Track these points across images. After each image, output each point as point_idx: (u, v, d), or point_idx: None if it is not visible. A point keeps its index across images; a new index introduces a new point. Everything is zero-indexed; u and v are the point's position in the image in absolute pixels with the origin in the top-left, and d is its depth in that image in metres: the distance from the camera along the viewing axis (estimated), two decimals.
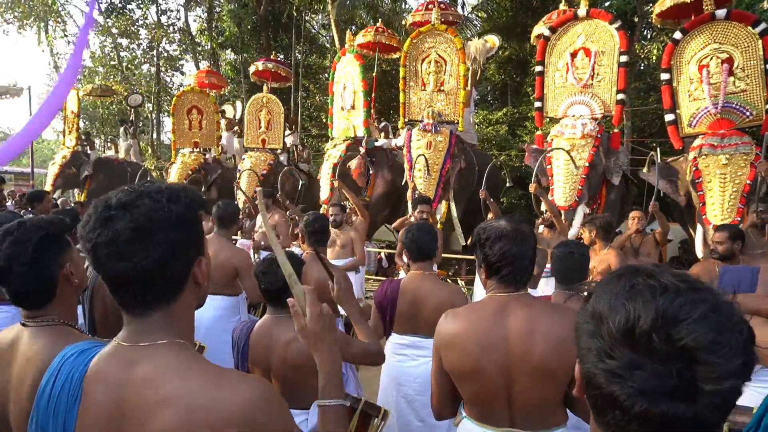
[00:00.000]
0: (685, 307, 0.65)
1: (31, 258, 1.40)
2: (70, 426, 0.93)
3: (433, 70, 8.01)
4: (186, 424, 0.84)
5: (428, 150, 7.69)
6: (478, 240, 1.72)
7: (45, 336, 1.37)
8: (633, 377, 0.64)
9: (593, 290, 0.76)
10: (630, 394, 0.64)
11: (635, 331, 0.65)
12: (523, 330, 1.62)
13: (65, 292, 1.47)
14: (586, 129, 6.46)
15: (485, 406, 1.70)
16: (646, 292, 0.68)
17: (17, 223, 1.47)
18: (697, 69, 6.00)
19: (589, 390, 0.72)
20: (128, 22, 22.09)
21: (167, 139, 25.56)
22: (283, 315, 2.20)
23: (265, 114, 11.32)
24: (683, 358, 0.63)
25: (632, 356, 0.64)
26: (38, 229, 1.43)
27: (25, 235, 1.42)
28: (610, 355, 0.66)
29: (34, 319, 1.43)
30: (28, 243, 1.41)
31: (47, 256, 1.43)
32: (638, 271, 0.73)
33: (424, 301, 2.73)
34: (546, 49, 6.99)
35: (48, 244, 1.44)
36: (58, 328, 1.42)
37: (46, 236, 1.44)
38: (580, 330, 0.74)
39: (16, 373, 1.35)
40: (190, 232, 0.96)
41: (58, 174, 12.12)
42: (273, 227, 6.09)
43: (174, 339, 0.95)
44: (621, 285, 0.71)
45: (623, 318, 0.66)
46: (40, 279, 1.42)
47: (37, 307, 1.44)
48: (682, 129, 6.24)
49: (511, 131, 16.30)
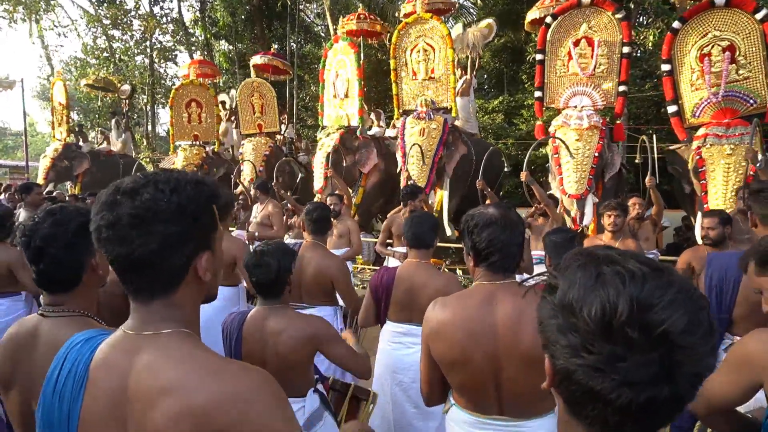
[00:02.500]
0: (656, 292, 0.65)
1: (69, 241, 1.42)
2: (75, 413, 0.94)
3: (422, 58, 8.01)
4: (186, 413, 0.85)
5: (422, 137, 7.68)
6: (466, 227, 1.72)
7: (66, 326, 1.38)
8: (615, 370, 0.63)
9: (552, 280, 0.74)
10: (613, 387, 0.64)
11: (612, 322, 0.64)
12: (511, 318, 1.62)
13: (90, 280, 1.49)
14: (592, 120, 6.43)
15: (473, 394, 1.71)
16: (615, 280, 0.66)
17: (60, 206, 1.50)
18: (698, 58, 5.94)
19: (565, 385, 0.70)
20: (120, 12, 21.87)
21: (162, 131, 25.51)
22: (276, 305, 2.21)
23: (258, 98, 11.29)
24: (663, 344, 0.63)
25: (612, 349, 0.64)
26: (79, 215, 1.45)
27: (66, 217, 1.44)
28: (588, 349, 0.65)
29: (53, 310, 1.44)
30: (68, 226, 1.43)
31: (83, 242, 1.43)
32: (599, 257, 0.71)
33: (420, 289, 2.74)
34: (547, 36, 6.86)
35: (85, 231, 1.43)
36: (77, 318, 1.43)
37: (86, 222, 1.43)
38: (547, 324, 0.72)
39: (41, 364, 1.33)
40: (191, 225, 0.95)
41: (50, 167, 12.07)
42: (267, 217, 6.09)
43: (179, 328, 0.95)
44: (587, 274, 0.69)
45: (598, 310, 0.65)
46: (71, 263, 1.44)
47: (62, 291, 1.46)
48: (686, 119, 6.20)
49: (508, 120, 16.29)
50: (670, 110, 6.30)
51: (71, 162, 12.41)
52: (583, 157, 6.31)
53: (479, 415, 1.70)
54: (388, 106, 12.90)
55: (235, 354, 2.19)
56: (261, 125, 11.36)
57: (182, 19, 22.59)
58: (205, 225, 0.98)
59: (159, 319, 0.95)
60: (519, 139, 14.85)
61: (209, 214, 0.98)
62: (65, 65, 24.46)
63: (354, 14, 10.48)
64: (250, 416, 0.86)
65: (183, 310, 0.98)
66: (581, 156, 6.28)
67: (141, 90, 22.68)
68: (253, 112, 11.37)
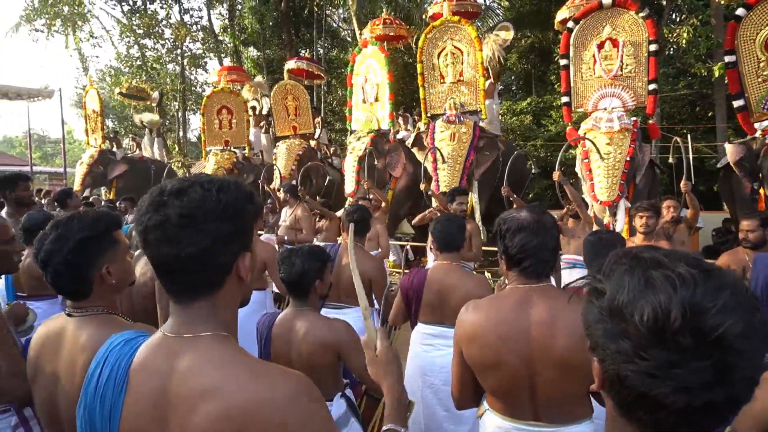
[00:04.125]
0: (708, 296, 0.64)
1: (66, 259, 1.43)
2: (116, 414, 0.95)
3: (451, 62, 7.95)
4: (226, 416, 0.85)
5: (452, 141, 7.63)
6: (498, 231, 1.70)
7: (92, 325, 1.42)
8: (670, 376, 0.63)
9: (597, 284, 0.73)
10: (669, 392, 0.63)
11: (665, 329, 0.63)
12: (545, 322, 1.60)
13: (101, 290, 1.50)
14: (623, 122, 6.28)
15: (508, 398, 1.69)
16: (665, 285, 0.65)
17: (66, 218, 1.50)
18: (765, 46, 5.63)
19: (616, 389, 0.70)
20: (152, 21, 22.44)
21: (193, 137, 26.05)
22: (303, 308, 2.22)
23: (292, 101, 11.45)
24: (718, 349, 0.62)
25: (667, 355, 0.63)
26: (80, 230, 1.45)
27: (66, 233, 1.45)
28: (641, 356, 0.65)
29: (78, 310, 1.48)
30: (66, 243, 1.44)
31: (82, 258, 1.45)
32: (646, 260, 0.70)
33: (451, 291, 2.73)
34: (570, 41, 6.77)
35: (86, 245, 1.45)
36: (101, 317, 1.47)
37: (86, 237, 1.45)
38: (595, 329, 0.71)
39: (66, 362, 1.40)
40: (236, 224, 0.96)
41: (86, 173, 12.44)
42: (296, 221, 6.14)
43: (217, 331, 0.96)
44: (635, 279, 0.68)
45: (650, 316, 0.64)
46: (72, 278, 1.46)
47: (76, 300, 1.49)
48: (753, 113, 5.92)
49: (536, 121, 16.11)
50: (736, 105, 6.01)
51: (106, 168, 12.77)
52: (614, 161, 6.15)
53: (514, 421, 1.67)
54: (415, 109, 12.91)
55: (265, 354, 2.21)
56: (295, 127, 11.52)
57: (212, 27, 23.07)
58: (246, 225, 1.00)
59: (199, 322, 0.96)
60: (548, 140, 14.66)
61: (249, 215, 1.00)
62: (101, 74, 25.24)
63: (379, 19, 10.53)
64: (290, 421, 0.87)
65: (223, 312, 0.99)
66: (612, 160, 6.13)
67: (172, 97, 23.22)
68: (288, 114, 11.54)
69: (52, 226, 1.49)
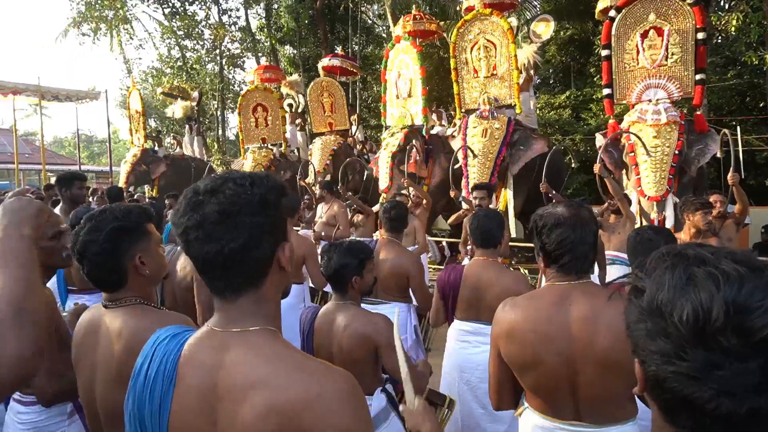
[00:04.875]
0: (755, 294, 0.60)
1: (102, 247, 1.49)
2: (166, 407, 0.97)
3: (484, 56, 7.83)
4: (274, 410, 0.87)
5: (484, 138, 7.53)
6: (535, 227, 1.66)
7: (125, 314, 1.48)
8: (712, 378, 0.60)
9: (639, 282, 0.70)
10: (711, 396, 0.60)
11: (706, 328, 0.60)
12: (586, 319, 1.56)
13: (136, 281, 1.55)
14: (669, 114, 6.03)
15: (548, 397, 1.66)
16: (707, 282, 0.62)
17: (99, 210, 1.57)
18: None
19: (657, 392, 0.67)
20: (192, 23, 22.99)
21: (232, 135, 26.58)
22: (344, 302, 2.24)
23: (327, 97, 11.56)
24: (764, 351, 0.58)
25: (708, 356, 0.60)
26: (113, 220, 1.51)
27: (100, 224, 1.51)
28: (681, 356, 0.62)
29: (113, 301, 1.54)
30: (101, 233, 1.50)
31: (116, 247, 1.51)
32: (689, 258, 0.67)
33: (487, 287, 2.70)
34: (612, 30, 6.51)
35: (119, 235, 1.51)
36: (134, 306, 1.52)
37: (119, 227, 1.51)
38: (636, 329, 0.69)
39: (103, 351, 1.46)
40: (273, 216, 0.98)
41: (130, 171, 12.88)
42: (333, 217, 6.18)
43: (264, 326, 0.97)
44: (677, 276, 0.65)
45: (690, 315, 0.61)
46: (108, 267, 1.52)
47: (112, 291, 1.55)
48: None
49: (575, 114, 15.74)
50: None
51: (149, 166, 13.19)
52: (662, 155, 5.90)
53: (554, 420, 1.64)
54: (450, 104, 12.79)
55: (307, 347, 2.25)
56: (331, 123, 11.64)
57: (249, 27, 23.45)
58: (281, 216, 1.01)
59: (245, 316, 0.97)
60: (588, 134, 14.29)
61: (283, 206, 1.02)
62: (143, 75, 26.04)
63: (410, 15, 10.48)
64: (334, 418, 0.88)
65: (267, 306, 1.00)
66: (660, 154, 5.88)
67: (211, 96, 23.74)
68: (323, 111, 11.67)
69: (86, 219, 1.55)
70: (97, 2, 21.41)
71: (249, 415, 0.88)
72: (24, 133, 36.16)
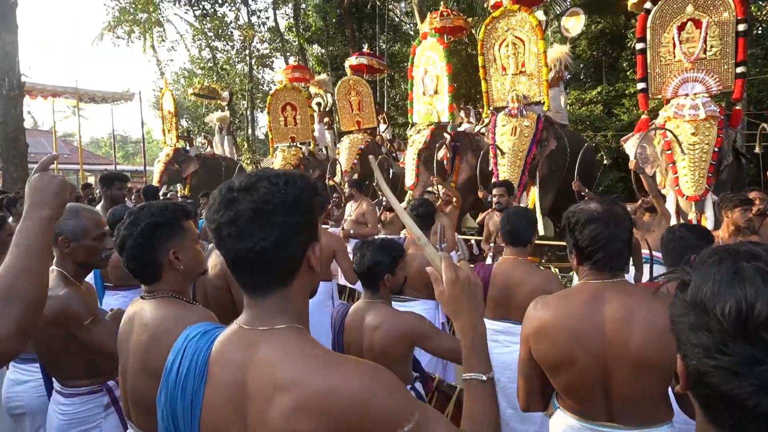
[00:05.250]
0: None
1: (137, 242, 1.56)
2: (198, 404, 0.99)
3: (512, 52, 7.71)
4: (304, 408, 0.87)
5: (513, 136, 7.43)
6: (567, 224, 1.64)
7: (155, 306, 1.55)
8: (753, 374, 0.58)
9: (687, 276, 0.69)
10: (752, 392, 0.59)
11: (749, 322, 0.59)
12: (621, 319, 1.52)
13: (171, 276, 1.60)
14: (708, 109, 5.79)
15: (580, 398, 1.63)
16: (755, 276, 0.61)
17: (139, 206, 1.64)
18: None
19: (699, 388, 0.66)
20: (222, 24, 23.38)
21: (261, 134, 26.93)
22: (375, 300, 2.24)
23: (355, 96, 11.62)
24: None
25: (749, 351, 0.59)
26: (150, 216, 1.58)
27: (138, 219, 1.58)
28: (722, 350, 0.60)
29: (149, 293, 1.61)
30: (137, 227, 1.56)
31: (150, 242, 1.57)
32: (740, 253, 0.65)
33: (517, 287, 2.68)
34: (647, 23, 6.29)
35: (154, 231, 1.57)
36: (166, 299, 1.58)
37: (154, 223, 1.57)
38: (679, 323, 0.68)
39: (134, 340, 1.53)
40: (304, 216, 0.98)
41: (163, 171, 13.16)
42: (362, 215, 6.21)
43: (292, 324, 0.98)
44: (723, 270, 0.64)
45: (733, 308, 0.60)
46: (143, 260, 1.58)
47: (147, 283, 1.62)
48: None
49: (607, 110, 15.40)
50: None
51: (181, 165, 13.45)
52: (701, 152, 5.66)
53: (586, 421, 1.61)
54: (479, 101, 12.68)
55: (338, 344, 2.26)
56: (359, 122, 11.69)
57: (278, 27, 23.71)
58: (313, 216, 1.02)
59: (274, 314, 0.98)
60: (620, 130, 13.99)
61: (315, 206, 1.02)
62: (175, 76, 26.60)
63: (437, 12, 10.42)
64: (369, 410, 0.87)
65: (296, 304, 1.01)
66: (698, 151, 5.65)
67: (241, 96, 24.11)
68: (351, 110, 11.73)
69: (127, 214, 1.63)
70: (131, 6, 21.96)
71: (280, 413, 0.89)
72: (63, 134, 37.37)
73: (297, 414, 0.87)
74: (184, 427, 1.01)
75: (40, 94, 20.31)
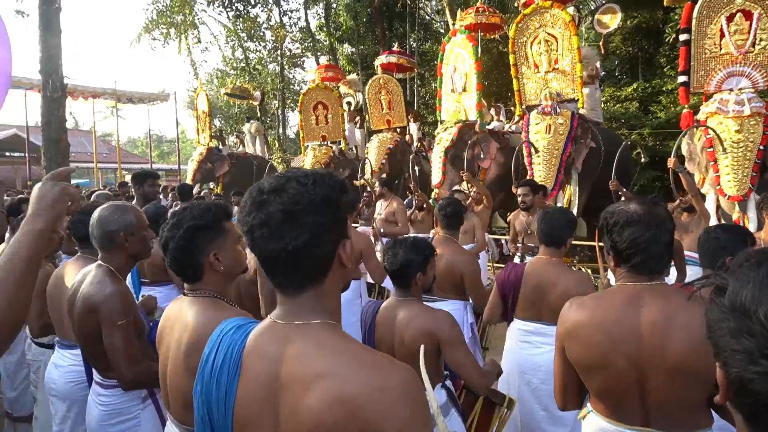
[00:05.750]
0: None
1: (178, 244, 1.62)
2: (232, 395, 1.02)
3: (544, 50, 7.59)
4: (339, 400, 0.89)
5: (547, 134, 7.32)
6: (605, 225, 1.60)
7: (198, 305, 1.59)
8: None
9: (721, 281, 0.67)
10: None
11: None
12: (659, 322, 1.48)
13: (212, 276, 1.66)
14: (753, 105, 5.55)
15: (614, 401, 1.59)
16: None
17: (182, 208, 1.70)
18: None
19: (741, 397, 0.63)
20: (254, 25, 23.71)
21: (292, 133, 27.22)
22: (407, 297, 2.25)
23: (385, 95, 11.61)
24: None
25: None
26: (191, 219, 1.63)
27: (180, 221, 1.64)
28: (766, 355, 0.58)
29: (192, 291, 1.66)
30: (179, 230, 1.62)
31: (191, 244, 1.62)
32: None
33: (550, 287, 2.64)
34: (693, 13, 6.00)
35: (194, 233, 1.63)
36: (208, 300, 1.63)
37: (195, 226, 1.63)
38: (718, 329, 0.65)
39: (175, 338, 1.59)
40: (334, 215, 1.00)
41: (196, 169, 13.42)
42: (392, 213, 6.22)
43: (325, 319, 1.00)
44: (763, 272, 0.62)
45: None
46: (184, 261, 1.64)
47: (189, 282, 1.68)
48: None
49: (643, 108, 14.99)
50: None
51: (213, 164, 13.69)
52: (744, 150, 5.44)
53: (620, 425, 1.57)
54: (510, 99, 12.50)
55: (368, 341, 2.27)
56: (389, 121, 11.70)
57: (309, 27, 23.91)
58: (342, 214, 1.03)
59: (307, 310, 1.00)
60: (656, 128, 13.60)
61: (344, 204, 1.03)
62: (209, 77, 27.12)
63: (472, 8, 10.30)
64: (397, 412, 0.89)
65: (329, 301, 1.03)
66: (742, 149, 5.43)
67: (272, 96, 24.40)
68: (382, 109, 11.74)
69: (170, 215, 1.69)
70: (167, 9, 22.47)
71: (313, 406, 0.90)
72: (101, 134, 38.50)
73: (330, 407, 0.89)
74: (218, 417, 1.03)
75: (81, 95, 21.03)
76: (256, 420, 0.99)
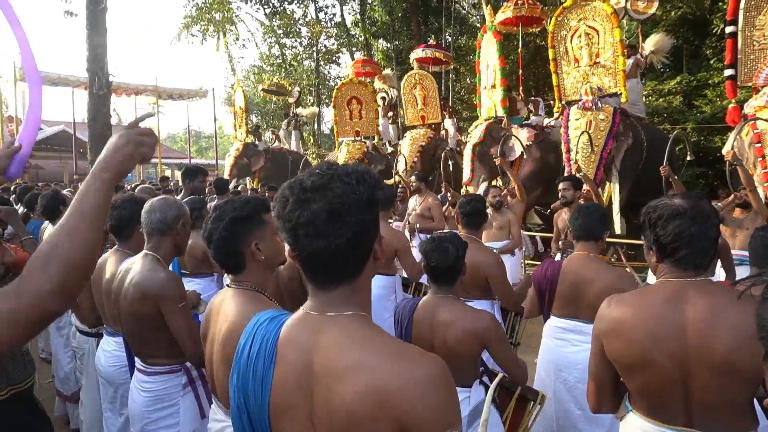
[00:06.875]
0: None
1: (221, 235, 1.68)
2: (267, 384, 1.04)
3: (585, 43, 7.43)
4: (372, 390, 0.91)
5: (589, 129, 7.16)
6: (648, 220, 1.56)
7: (238, 298, 1.66)
8: None
9: None
10: None
11: None
12: (704, 320, 1.44)
13: (254, 266, 1.72)
14: None
15: (656, 400, 1.55)
16: None
17: (224, 201, 1.77)
18: None
19: None
20: (290, 21, 23.95)
21: (327, 129, 27.42)
22: (447, 295, 2.23)
23: (420, 90, 11.56)
24: None
25: None
26: (233, 210, 1.69)
27: (222, 214, 1.70)
28: None
29: (235, 282, 1.73)
30: (222, 221, 1.68)
31: (233, 235, 1.68)
32: None
33: (588, 284, 2.59)
34: (740, 4, 5.79)
35: (237, 224, 1.69)
36: (249, 293, 1.68)
37: (237, 217, 1.69)
38: None
39: (218, 328, 1.65)
40: (374, 213, 1.02)
41: (233, 164, 13.70)
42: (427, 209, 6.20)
43: (357, 311, 1.03)
44: None
45: None
46: (227, 252, 1.71)
47: (233, 273, 1.74)
48: None
49: (687, 102, 14.47)
50: None
51: (250, 159, 13.94)
52: None
53: (662, 425, 1.53)
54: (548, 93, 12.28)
55: (405, 338, 2.26)
56: (424, 117, 11.66)
57: (344, 22, 24.00)
58: (379, 212, 1.05)
59: (340, 302, 1.02)
60: (701, 122, 13.12)
61: (381, 202, 1.05)
62: (245, 73, 27.54)
63: (511, 1, 10.11)
64: (427, 403, 0.91)
65: (361, 294, 1.05)
66: None
67: (308, 91, 24.62)
68: (416, 104, 11.69)
69: (213, 208, 1.75)
70: (206, 6, 22.93)
71: (345, 395, 0.92)
72: None
73: (362, 398, 0.91)
74: (254, 405, 1.06)
75: (124, 92, 21.73)
76: (291, 407, 1.01)
